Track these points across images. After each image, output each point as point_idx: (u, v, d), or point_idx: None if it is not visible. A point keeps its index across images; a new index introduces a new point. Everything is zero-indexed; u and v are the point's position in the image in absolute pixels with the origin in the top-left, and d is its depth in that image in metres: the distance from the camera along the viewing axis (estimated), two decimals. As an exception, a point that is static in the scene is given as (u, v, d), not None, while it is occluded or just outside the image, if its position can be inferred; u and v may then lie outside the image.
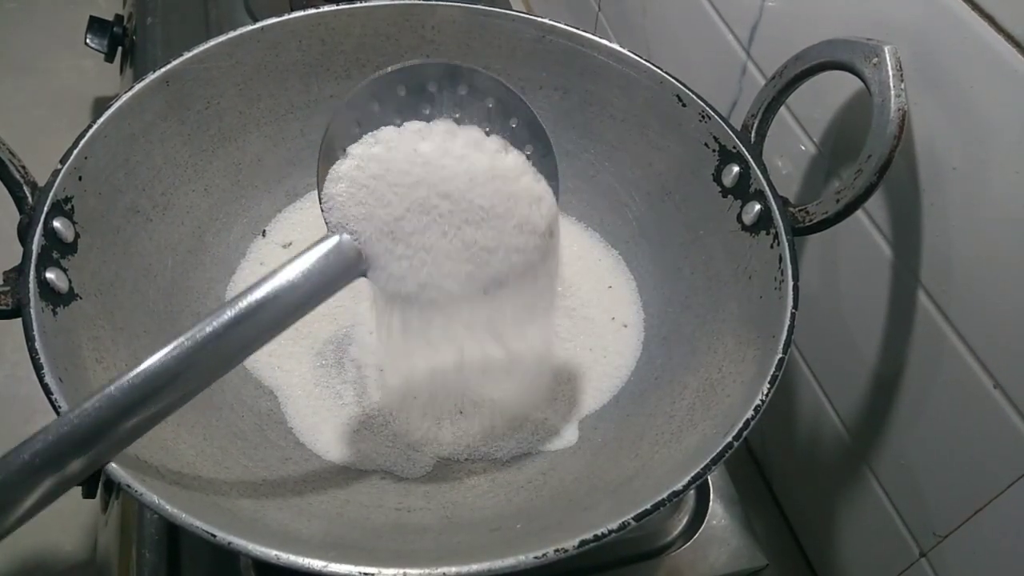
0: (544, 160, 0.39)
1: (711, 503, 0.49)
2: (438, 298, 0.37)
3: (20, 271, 0.36)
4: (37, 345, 0.34)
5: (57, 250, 0.38)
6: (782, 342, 0.37)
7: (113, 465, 0.31)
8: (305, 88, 0.51)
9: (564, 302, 0.51)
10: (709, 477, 0.49)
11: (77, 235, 0.39)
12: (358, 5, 0.50)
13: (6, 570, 0.74)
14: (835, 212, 0.39)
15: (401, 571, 0.29)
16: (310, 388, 0.47)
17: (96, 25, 0.85)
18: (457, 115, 0.37)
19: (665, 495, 0.32)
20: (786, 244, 0.40)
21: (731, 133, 0.44)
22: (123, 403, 0.31)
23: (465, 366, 0.44)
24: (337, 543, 0.37)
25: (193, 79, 0.46)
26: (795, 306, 0.38)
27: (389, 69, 0.36)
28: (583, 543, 0.31)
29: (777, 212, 0.41)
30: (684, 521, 0.49)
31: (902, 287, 0.42)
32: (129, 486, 0.31)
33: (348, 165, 0.36)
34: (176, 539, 0.46)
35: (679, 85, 0.47)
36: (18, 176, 0.38)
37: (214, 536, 0.30)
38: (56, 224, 0.38)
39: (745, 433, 0.34)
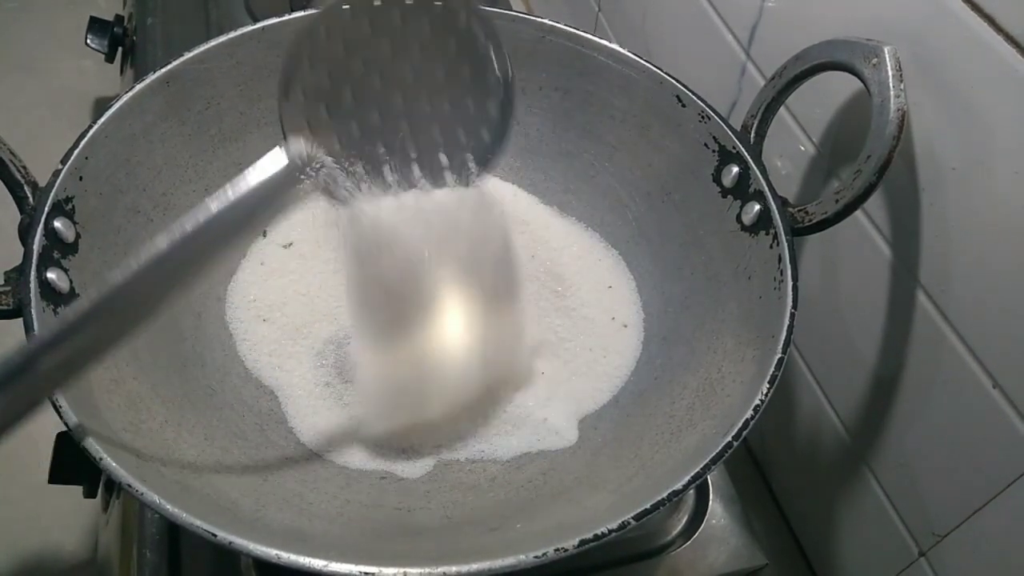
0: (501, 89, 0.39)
1: (711, 502, 0.49)
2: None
3: (21, 271, 0.36)
4: (38, 345, 0.34)
5: (58, 250, 0.38)
6: (781, 342, 0.37)
7: (113, 464, 0.31)
8: (305, 88, 0.51)
9: (564, 302, 0.51)
10: (709, 476, 0.49)
11: (78, 235, 0.39)
12: (358, 5, 0.50)
13: (7, 570, 0.75)
14: (834, 212, 0.39)
15: (401, 571, 0.29)
16: (310, 388, 0.47)
17: (96, 25, 0.85)
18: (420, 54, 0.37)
19: (665, 495, 0.32)
20: (785, 244, 0.40)
21: (730, 133, 0.44)
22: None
23: (448, 364, 0.44)
24: (337, 543, 0.37)
25: (193, 79, 0.46)
26: (794, 306, 0.38)
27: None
28: (583, 542, 0.31)
29: (776, 212, 0.41)
30: (684, 520, 0.49)
31: (901, 287, 0.42)
32: (130, 486, 0.31)
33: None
34: (177, 539, 0.46)
35: (679, 85, 0.47)
36: (19, 176, 0.38)
37: (215, 536, 0.30)
38: (57, 224, 0.38)
39: (745, 433, 0.34)
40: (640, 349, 0.49)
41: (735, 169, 0.44)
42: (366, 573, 0.29)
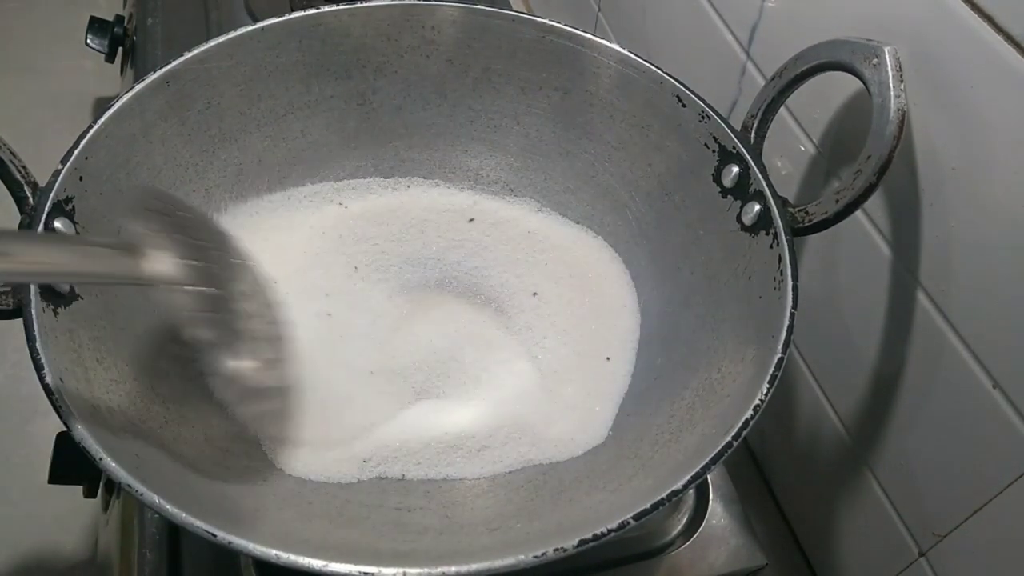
0: None
1: (711, 502, 0.49)
2: None
3: (21, 271, 0.36)
4: (38, 345, 0.34)
5: (58, 250, 0.38)
6: (781, 342, 0.37)
7: (113, 464, 0.31)
8: (305, 88, 0.51)
9: (563, 303, 0.51)
10: (709, 476, 0.49)
11: (78, 235, 0.39)
12: (358, 5, 0.50)
13: (7, 570, 0.75)
14: (835, 212, 0.39)
15: (401, 571, 0.29)
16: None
17: (97, 25, 0.85)
18: None
19: (664, 494, 0.32)
20: (785, 244, 0.40)
21: (731, 133, 0.44)
22: None
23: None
24: (337, 542, 0.37)
25: (193, 79, 0.46)
26: (794, 306, 0.38)
27: None
28: (582, 542, 0.31)
29: (776, 212, 0.41)
30: (684, 520, 0.49)
31: (901, 287, 0.42)
32: (130, 486, 0.31)
33: None
34: (177, 538, 0.46)
35: (679, 85, 0.47)
36: (19, 176, 0.38)
37: (214, 536, 0.30)
38: (57, 224, 0.38)
39: (744, 433, 0.34)
40: (640, 349, 0.49)
41: (735, 169, 0.44)
42: (365, 573, 0.29)
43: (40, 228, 0.37)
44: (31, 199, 0.38)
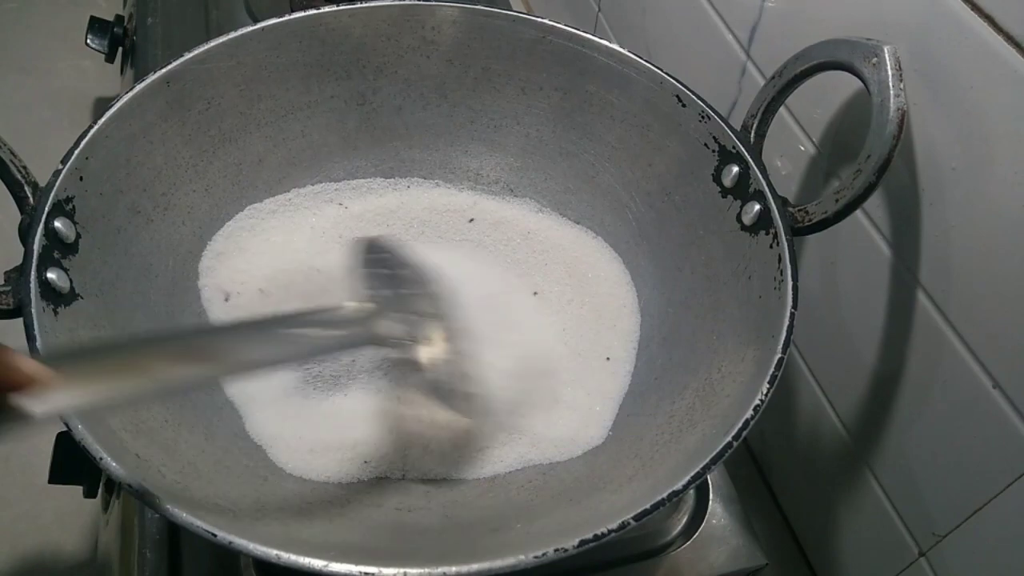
0: None
1: (711, 502, 0.49)
2: None
3: (21, 271, 0.36)
4: (38, 345, 0.34)
5: (58, 250, 0.38)
6: (781, 342, 0.37)
7: (113, 464, 0.31)
8: (305, 88, 0.51)
9: (564, 303, 0.51)
10: (709, 476, 0.49)
11: (78, 235, 0.39)
12: (358, 5, 0.50)
13: (6, 570, 0.75)
14: (834, 212, 0.39)
15: (401, 571, 0.29)
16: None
17: (97, 25, 0.85)
18: None
19: (664, 495, 0.32)
20: (785, 244, 0.40)
21: (730, 133, 0.44)
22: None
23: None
24: (337, 542, 0.37)
25: (194, 80, 0.46)
26: (794, 306, 0.38)
27: None
28: (583, 543, 0.31)
29: (776, 212, 0.41)
30: (684, 520, 0.49)
31: (901, 287, 0.42)
32: (130, 485, 0.31)
33: None
34: (177, 539, 0.46)
35: (679, 85, 0.47)
36: (19, 176, 0.38)
37: (215, 535, 0.30)
38: (57, 224, 0.38)
39: (744, 433, 0.34)
40: (640, 350, 0.49)
41: (735, 169, 0.44)
42: (366, 573, 0.29)
43: (40, 228, 0.37)
44: (31, 199, 0.38)
